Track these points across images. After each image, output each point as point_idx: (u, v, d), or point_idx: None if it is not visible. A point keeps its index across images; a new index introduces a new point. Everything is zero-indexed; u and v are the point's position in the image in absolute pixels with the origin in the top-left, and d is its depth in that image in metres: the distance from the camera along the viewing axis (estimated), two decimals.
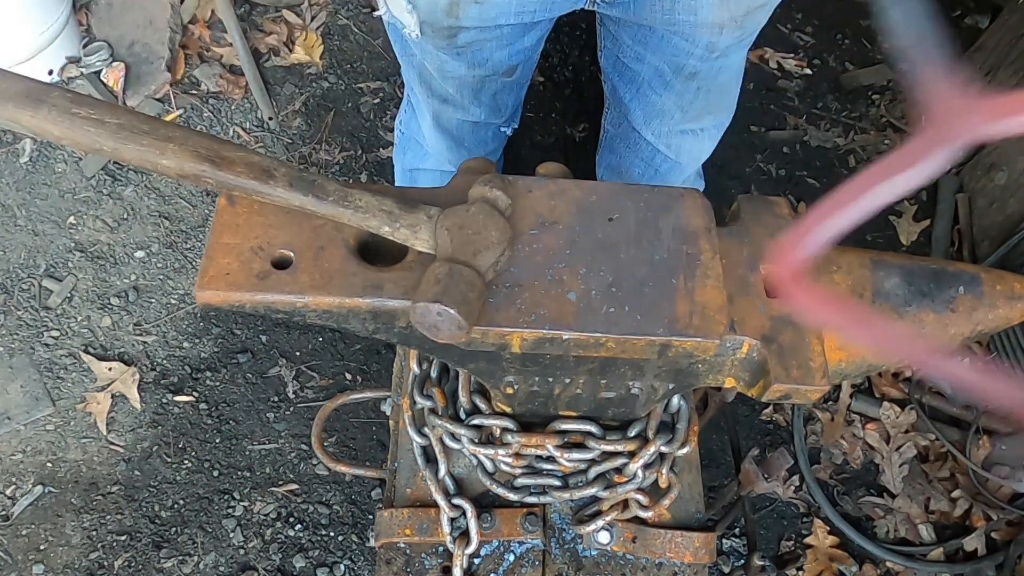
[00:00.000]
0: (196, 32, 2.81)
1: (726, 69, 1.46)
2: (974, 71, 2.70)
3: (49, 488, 2.18)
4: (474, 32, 1.31)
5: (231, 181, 0.77)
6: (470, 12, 1.25)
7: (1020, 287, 0.93)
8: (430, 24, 1.29)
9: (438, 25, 1.29)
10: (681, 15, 1.27)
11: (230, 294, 0.78)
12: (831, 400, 2.36)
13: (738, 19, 1.28)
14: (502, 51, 1.40)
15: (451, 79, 1.48)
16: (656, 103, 1.55)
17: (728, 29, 1.29)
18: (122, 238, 2.49)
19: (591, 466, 1.02)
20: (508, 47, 1.40)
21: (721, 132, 1.70)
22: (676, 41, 1.36)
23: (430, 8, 1.26)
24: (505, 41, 1.37)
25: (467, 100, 1.56)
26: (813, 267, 0.89)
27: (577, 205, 0.85)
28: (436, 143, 1.75)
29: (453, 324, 0.72)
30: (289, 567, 2.12)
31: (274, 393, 2.31)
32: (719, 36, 1.31)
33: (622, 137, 1.72)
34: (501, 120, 1.70)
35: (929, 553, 2.19)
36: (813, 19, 3.06)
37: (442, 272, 0.73)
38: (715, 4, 1.24)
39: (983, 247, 2.51)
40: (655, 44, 1.40)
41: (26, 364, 2.31)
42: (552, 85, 2.86)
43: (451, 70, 1.45)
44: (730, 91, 1.59)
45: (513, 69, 1.50)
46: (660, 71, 1.46)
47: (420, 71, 1.53)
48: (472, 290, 0.73)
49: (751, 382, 0.85)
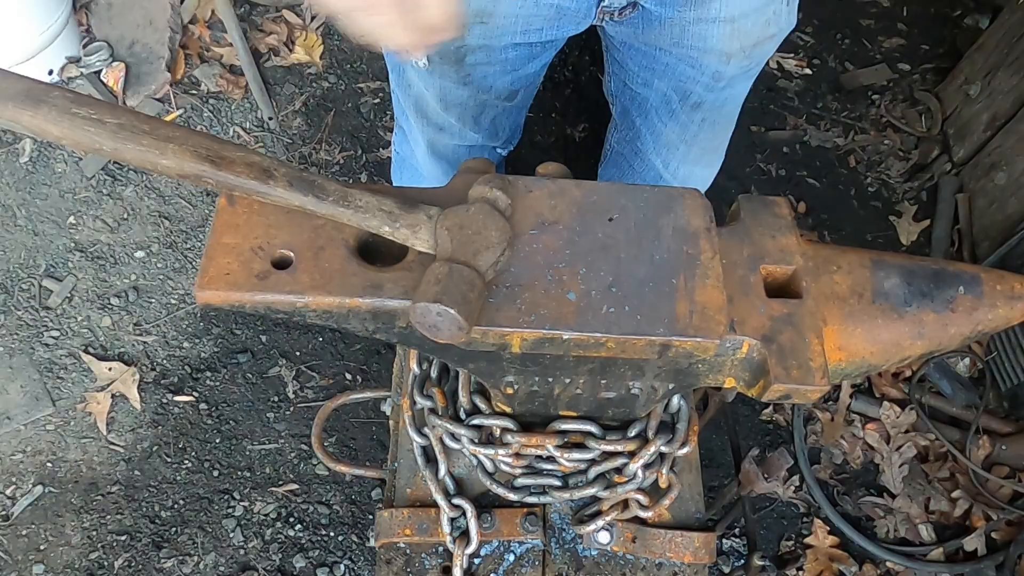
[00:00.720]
0: (196, 32, 2.81)
1: (731, 100, 1.45)
2: (974, 71, 2.70)
3: (49, 488, 2.18)
4: (480, 54, 1.29)
5: (231, 181, 0.77)
6: (475, 31, 1.23)
7: (1020, 287, 0.93)
8: (436, 52, 1.28)
9: (444, 51, 1.27)
10: (690, 40, 1.25)
11: (230, 294, 0.78)
12: (831, 400, 2.36)
13: (747, 49, 1.27)
14: (506, 76, 1.39)
15: (453, 106, 1.47)
16: (663, 133, 1.54)
17: (736, 59, 1.28)
18: (122, 238, 2.49)
19: (591, 466, 1.02)
20: (512, 72, 1.38)
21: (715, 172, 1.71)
22: (682, 68, 1.34)
23: None
24: (510, 67, 1.36)
25: (466, 126, 1.55)
26: (813, 267, 0.89)
27: (577, 205, 0.85)
28: (431, 168, 1.74)
29: (453, 324, 0.72)
30: (289, 567, 2.12)
31: (274, 393, 2.31)
32: (726, 65, 1.30)
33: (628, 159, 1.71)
34: (499, 143, 1.69)
35: (929, 553, 2.19)
36: (813, 19, 3.06)
37: (442, 272, 0.73)
38: (726, 33, 1.23)
39: (983, 247, 2.51)
40: (661, 70, 1.38)
41: (26, 364, 2.31)
42: (552, 85, 2.86)
43: (454, 97, 1.44)
44: (729, 127, 1.58)
45: (515, 94, 1.49)
46: (667, 98, 1.44)
47: (417, 101, 1.51)
48: (472, 290, 0.73)
49: (751, 382, 0.85)
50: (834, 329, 0.87)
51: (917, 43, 3.06)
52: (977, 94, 2.65)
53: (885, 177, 2.78)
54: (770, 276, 0.87)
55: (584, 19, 1.25)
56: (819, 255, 0.90)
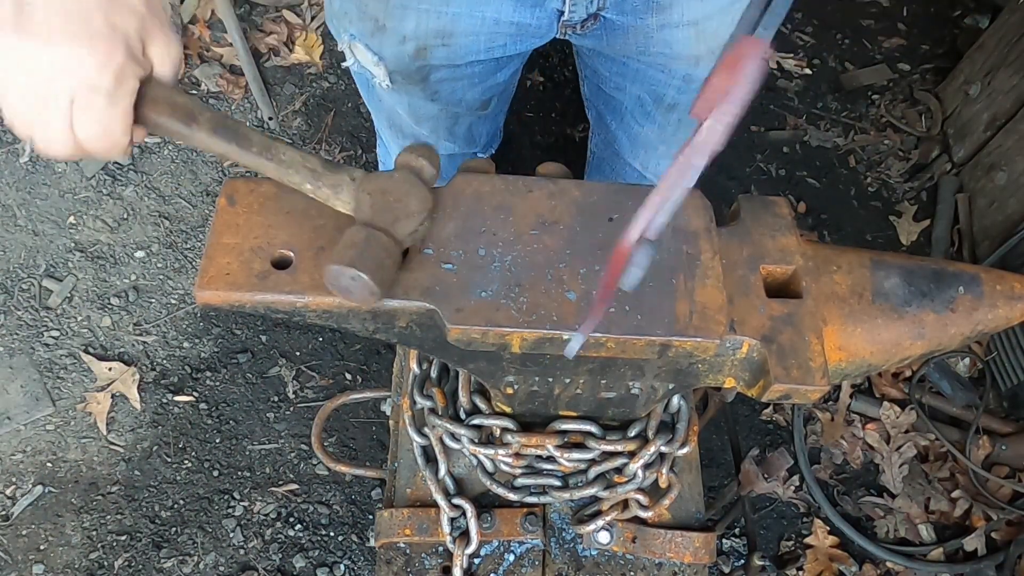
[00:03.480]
0: (196, 32, 2.81)
1: None
2: (974, 71, 2.70)
3: (49, 488, 2.18)
4: (445, 71, 1.28)
5: (152, 118, 0.75)
6: (438, 54, 1.22)
7: (1020, 287, 0.93)
8: (399, 72, 1.27)
9: (407, 71, 1.26)
10: (656, 47, 1.24)
11: (230, 294, 0.78)
12: (831, 400, 2.36)
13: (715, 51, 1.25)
14: (474, 88, 1.38)
15: (425, 120, 1.46)
16: (640, 134, 1.52)
17: (705, 61, 1.27)
18: (122, 238, 2.49)
19: (591, 466, 1.02)
20: (481, 84, 1.37)
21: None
22: (652, 73, 1.33)
23: (396, 57, 1.23)
24: (477, 79, 1.35)
25: (441, 137, 1.54)
26: (813, 267, 0.90)
27: (577, 205, 0.85)
28: None
29: (365, 289, 0.73)
30: (289, 567, 2.12)
31: (274, 393, 2.31)
32: (695, 68, 1.28)
33: (609, 162, 1.70)
34: (478, 148, 1.68)
35: (929, 553, 2.19)
36: (813, 19, 3.06)
37: (359, 237, 0.73)
38: (690, 38, 1.22)
39: (983, 247, 2.51)
40: (632, 75, 1.37)
41: (26, 364, 2.31)
42: (552, 85, 2.86)
43: (425, 111, 1.43)
44: None
45: (487, 103, 1.47)
46: (642, 101, 1.43)
47: (389, 115, 1.51)
48: (388, 257, 0.74)
49: (751, 382, 0.85)
50: (834, 329, 0.87)
51: (917, 43, 3.06)
52: (977, 94, 2.65)
53: (885, 177, 2.78)
54: (770, 276, 0.87)
55: (547, 33, 1.24)
56: (819, 255, 0.90)
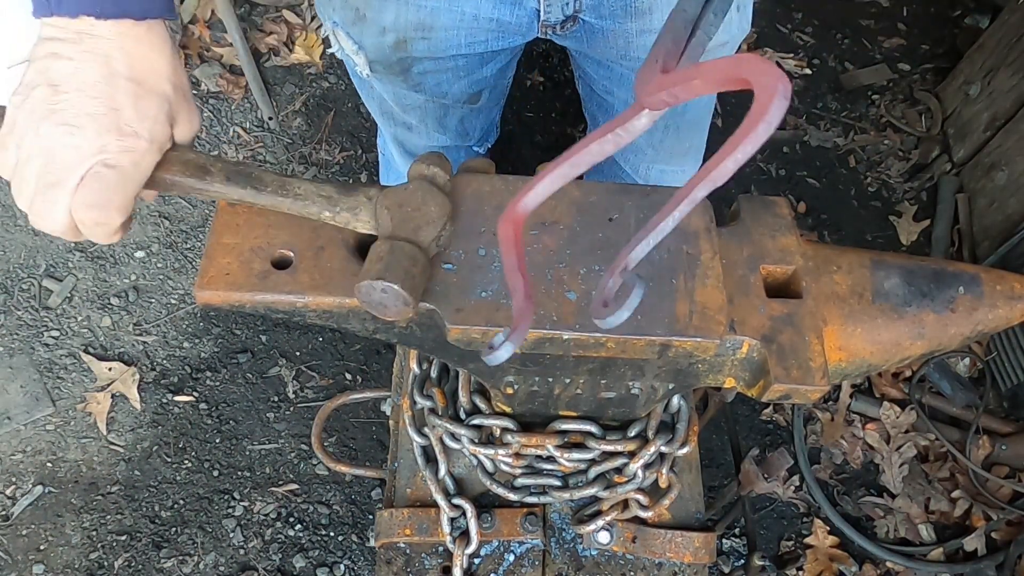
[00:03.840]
0: (196, 32, 2.81)
1: (693, 106, 1.44)
2: (974, 71, 2.70)
3: (49, 488, 2.18)
4: (427, 63, 1.28)
5: (167, 179, 0.77)
6: (419, 46, 1.22)
7: (1020, 287, 0.93)
8: (380, 62, 1.27)
9: (388, 61, 1.26)
10: (636, 52, 1.24)
11: (230, 294, 0.78)
12: (831, 400, 2.36)
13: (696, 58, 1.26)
14: (460, 82, 1.37)
15: (412, 109, 1.45)
16: None
17: None
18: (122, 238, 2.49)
19: (591, 466, 1.02)
20: (466, 77, 1.36)
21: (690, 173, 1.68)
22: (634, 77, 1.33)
23: (376, 47, 1.23)
24: (462, 72, 1.34)
25: (431, 128, 1.53)
26: (813, 268, 0.90)
27: (577, 205, 0.86)
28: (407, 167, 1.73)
29: (398, 300, 0.72)
30: (289, 567, 2.12)
31: (274, 393, 2.31)
32: None
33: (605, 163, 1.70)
34: (472, 142, 1.66)
35: (929, 553, 2.19)
36: (813, 19, 3.06)
37: (383, 250, 0.73)
38: None
39: (983, 247, 2.51)
40: (617, 79, 1.37)
41: (26, 364, 2.31)
42: (552, 85, 2.86)
43: (410, 102, 1.42)
44: (699, 130, 1.57)
45: (477, 96, 1.46)
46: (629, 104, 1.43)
47: (380, 102, 1.50)
48: (415, 265, 0.73)
49: (751, 382, 0.85)
50: (834, 329, 0.87)
51: (917, 43, 3.06)
52: (977, 94, 2.65)
53: (885, 177, 2.78)
54: (770, 276, 0.87)
55: (527, 32, 1.23)
56: (819, 255, 0.90)
